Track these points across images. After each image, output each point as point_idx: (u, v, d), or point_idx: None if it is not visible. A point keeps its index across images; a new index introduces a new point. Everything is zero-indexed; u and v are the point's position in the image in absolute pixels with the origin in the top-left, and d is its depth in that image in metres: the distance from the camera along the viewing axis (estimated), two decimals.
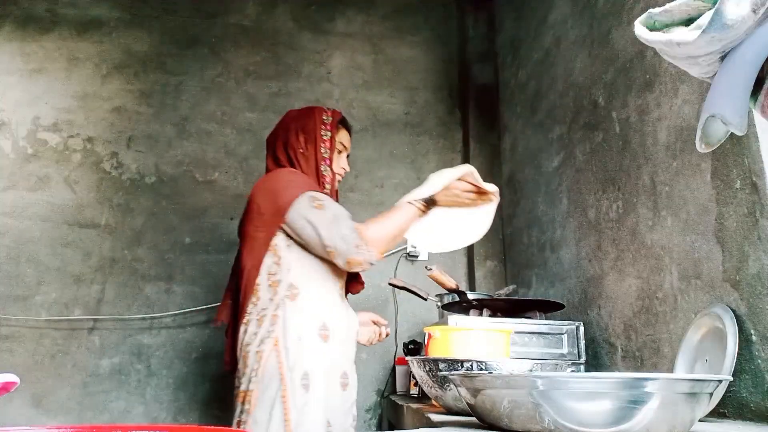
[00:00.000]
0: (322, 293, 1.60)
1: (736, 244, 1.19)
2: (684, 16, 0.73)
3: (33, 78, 2.77)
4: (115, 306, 2.55)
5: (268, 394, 1.46)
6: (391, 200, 2.85)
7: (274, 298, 1.56)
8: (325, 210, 1.55)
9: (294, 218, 1.55)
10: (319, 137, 1.71)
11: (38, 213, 2.61)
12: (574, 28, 2.03)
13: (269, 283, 1.58)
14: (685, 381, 0.77)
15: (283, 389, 1.46)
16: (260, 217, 1.60)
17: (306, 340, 1.52)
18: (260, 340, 1.52)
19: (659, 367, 1.44)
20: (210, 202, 2.73)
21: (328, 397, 1.53)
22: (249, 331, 1.57)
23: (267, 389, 1.47)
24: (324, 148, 1.70)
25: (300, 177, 1.64)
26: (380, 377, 2.60)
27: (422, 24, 3.14)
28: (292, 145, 1.70)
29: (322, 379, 1.52)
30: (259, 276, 1.58)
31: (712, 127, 0.72)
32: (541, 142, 2.28)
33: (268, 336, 1.52)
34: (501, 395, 0.81)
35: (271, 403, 1.45)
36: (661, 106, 1.47)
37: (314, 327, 1.55)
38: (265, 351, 1.50)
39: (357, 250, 1.52)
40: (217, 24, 2.98)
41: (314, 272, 1.60)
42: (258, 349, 1.52)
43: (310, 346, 1.52)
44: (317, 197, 1.57)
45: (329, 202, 1.58)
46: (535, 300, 1.97)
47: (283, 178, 1.62)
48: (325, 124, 1.73)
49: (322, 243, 1.53)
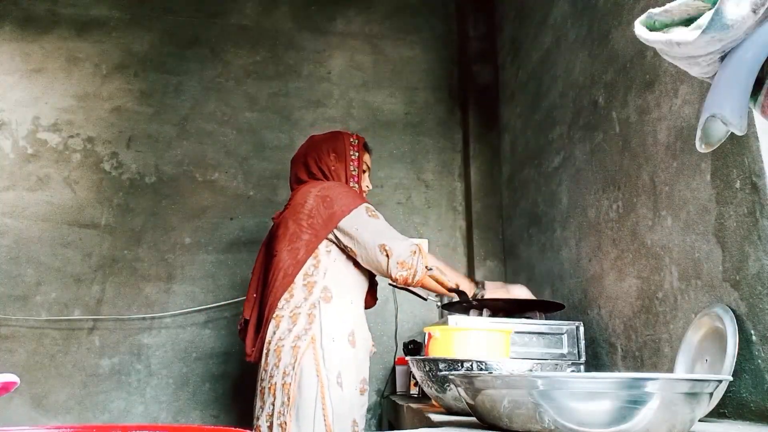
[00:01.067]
0: (352, 301, 1.72)
1: (736, 244, 1.19)
2: (684, 16, 0.72)
3: (33, 78, 2.77)
4: (115, 306, 2.55)
5: (308, 390, 1.54)
6: (391, 200, 2.88)
7: (308, 297, 1.65)
8: (380, 219, 1.69)
9: (348, 225, 1.66)
10: (348, 156, 1.84)
11: (38, 213, 2.61)
12: (574, 28, 2.03)
13: (304, 283, 1.67)
14: (685, 381, 0.77)
15: (321, 386, 1.55)
16: (310, 219, 1.68)
17: (338, 342, 1.62)
18: (296, 336, 1.59)
19: (659, 367, 1.44)
20: (210, 202, 2.73)
21: (354, 399, 1.64)
22: (282, 326, 1.63)
23: (307, 385, 1.55)
24: (353, 166, 1.84)
25: (354, 190, 1.78)
26: (380, 377, 2.60)
27: (422, 24, 3.14)
28: (324, 161, 1.82)
29: (351, 381, 1.62)
30: (297, 276, 1.68)
31: (712, 127, 0.72)
32: (541, 142, 2.28)
33: (304, 333, 1.59)
34: (501, 395, 0.81)
35: (313, 399, 1.54)
36: (661, 106, 1.47)
37: (345, 332, 1.65)
38: (302, 347, 1.58)
39: (413, 256, 1.61)
40: (217, 24, 2.98)
41: (347, 280, 1.71)
42: (294, 345, 1.58)
43: (341, 348, 1.62)
44: (372, 209, 1.71)
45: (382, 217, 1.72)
46: (535, 300, 1.96)
47: (341, 189, 1.74)
48: (352, 146, 1.87)
49: (380, 242, 1.62)
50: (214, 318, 2.60)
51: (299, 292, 1.66)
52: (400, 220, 2.82)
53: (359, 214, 1.67)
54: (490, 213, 2.74)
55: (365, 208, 1.69)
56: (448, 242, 2.83)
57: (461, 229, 2.86)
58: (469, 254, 2.76)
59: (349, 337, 1.65)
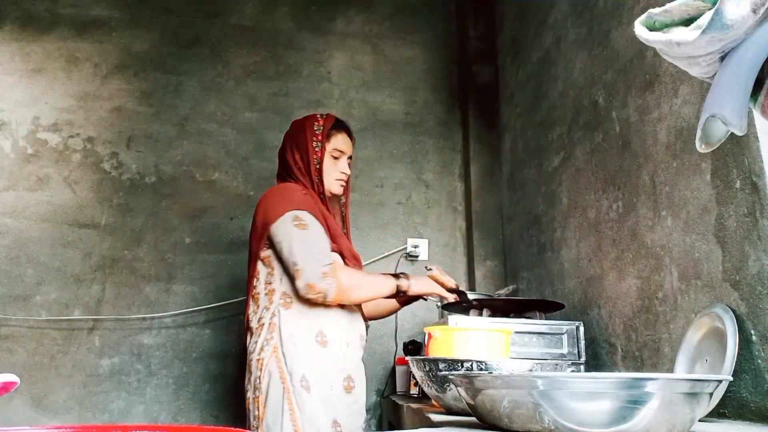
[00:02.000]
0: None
1: (736, 244, 1.19)
2: (684, 16, 0.72)
3: (33, 78, 2.77)
4: (115, 306, 2.55)
5: (274, 399, 1.53)
6: (391, 200, 2.88)
7: (269, 306, 1.62)
8: (306, 230, 1.59)
9: (274, 233, 1.60)
10: (311, 149, 1.74)
11: (38, 213, 2.61)
12: (574, 28, 2.03)
13: (266, 292, 1.65)
14: (685, 381, 0.77)
15: (287, 393, 1.52)
16: (254, 230, 1.68)
17: (301, 346, 1.58)
18: (260, 348, 1.59)
19: (659, 367, 1.44)
20: (210, 202, 2.73)
21: (333, 399, 1.58)
22: (250, 339, 1.64)
23: (272, 395, 1.53)
24: (316, 159, 1.74)
25: (293, 194, 1.66)
26: (380, 377, 2.60)
27: (422, 24, 3.14)
28: (288, 161, 1.77)
29: (321, 382, 1.57)
30: (258, 285, 1.66)
31: (712, 127, 0.72)
32: (541, 142, 2.28)
33: (267, 344, 1.58)
34: (501, 395, 0.81)
35: (279, 407, 1.51)
36: (661, 106, 1.47)
37: (310, 333, 1.60)
38: (265, 358, 1.57)
39: (323, 278, 1.54)
40: (217, 24, 2.98)
41: None
42: (259, 357, 1.58)
43: (306, 351, 1.58)
44: (302, 217, 1.60)
45: (314, 227, 1.61)
46: (535, 300, 1.97)
47: (276, 194, 1.68)
48: (315, 135, 1.75)
49: (293, 259, 1.56)
50: (214, 318, 2.60)
51: (262, 301, 1.64)
52: (400, 220, 2.83)
53: (283, 223, 1.59)
54: (490, 213, 2.74)
55: (292, 216, 1.60)
56: (448, 242, 2.83)
57: (461, 229, 2.86)
58: (469, 254, 2.76)
59: (317, 337, 1.60)
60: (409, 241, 2.79)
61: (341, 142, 1.80)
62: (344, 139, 1.81)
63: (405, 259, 2.76)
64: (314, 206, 1.66)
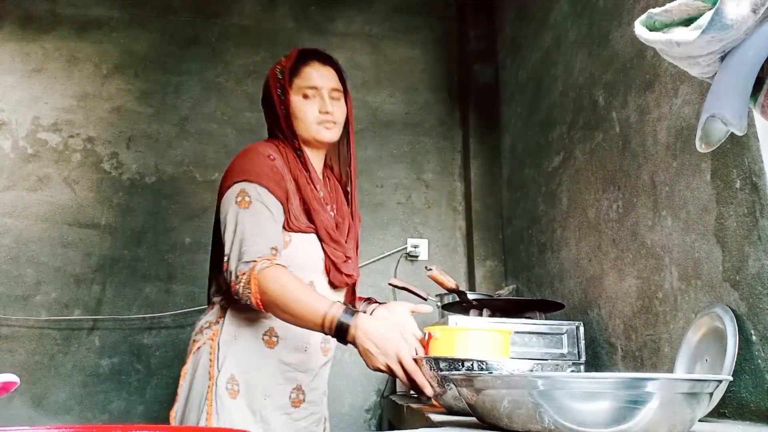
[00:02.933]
0: None
1: (736, 244, 1.19)
2: (684, 16, 0.72)
3: (33, 78, 2.77)
4: (115, 306, 2.55)
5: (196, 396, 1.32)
6: (391, 200, 2.88)
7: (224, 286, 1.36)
8: (247, 210, 1.30)
9: (221, 209, 1.36)
10: (277, 100, 1.44)
11: (38, 213, 2.61)
12: (574, 28, 2.03)
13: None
14: (685, 381, 0.77)
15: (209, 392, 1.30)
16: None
17: (242, 340, 1.34)
18: (200, 328, 1.39)
19: (659, 367, 1.44)
20: (210, 202, 2.73)
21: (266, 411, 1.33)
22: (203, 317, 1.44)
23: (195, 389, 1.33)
24: (284, 108, 1.44)
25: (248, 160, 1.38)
26: (380, 377, 2.60)
27: (422, 24, 3.14)
28: (266, 120, 1.53)
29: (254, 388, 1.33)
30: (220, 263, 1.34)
31: (712, 127, 0.72)
32: (541, 142, 2.28)
33: (208, 327, 1.37)
34: (501, 395, 0.81)
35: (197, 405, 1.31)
36: (661, 106, 1.47)
37: (257, 329, 1.36)
38: (199, 342, 1.36)
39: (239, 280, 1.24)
40: (217, 24, 2.98)
41: None
42: (195, 338, 1.39)
43: (246, 348, 1.34)
44: (248, 191, 1.32)
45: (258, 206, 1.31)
46: (535, 300, 1.97)
47: (233, 162, 1.42)
48: (278, 82, 1.44)
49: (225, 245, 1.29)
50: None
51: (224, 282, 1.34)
52: (400, 220, 2.82)
53: (229, 198, 1.33)
54: (490, 213, 2.74)
55: (238, 190, 1.32)
56: (448, 242, 2.83)
57: (461, 229, 2.86)
58: (469, 254, 2.76)
59: (265, 335, 1.35)
60: (409, 241, 2.79)
61: (311, 76, 1.44)
62: (315, 71, 1.45)
63: (405, 259, 2.76)
64: (273, 175, 1.35)
